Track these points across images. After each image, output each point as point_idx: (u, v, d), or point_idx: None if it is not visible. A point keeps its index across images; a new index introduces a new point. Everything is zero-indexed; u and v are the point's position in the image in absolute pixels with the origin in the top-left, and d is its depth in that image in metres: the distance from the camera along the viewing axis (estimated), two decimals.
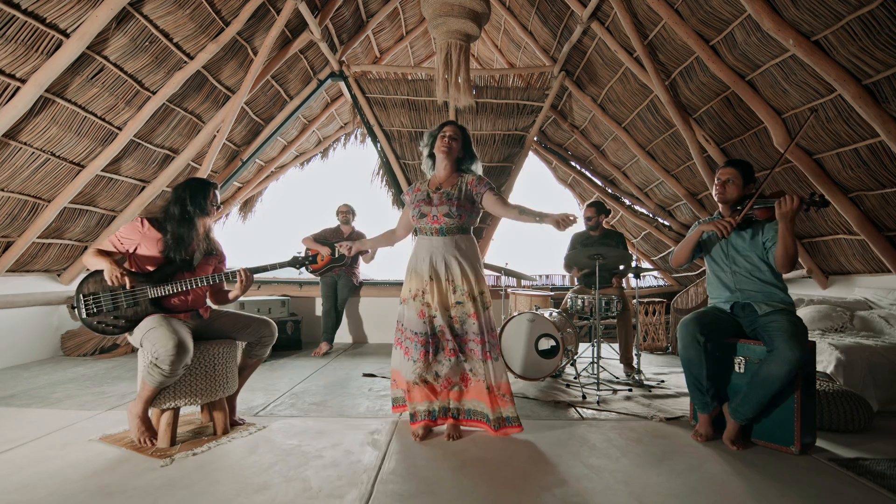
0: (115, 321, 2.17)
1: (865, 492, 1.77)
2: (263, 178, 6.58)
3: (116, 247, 2.24)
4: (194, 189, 2.34)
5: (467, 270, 2.34)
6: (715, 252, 2.48)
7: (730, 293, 2.40)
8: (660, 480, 1.86)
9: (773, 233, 2.27)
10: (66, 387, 3.18)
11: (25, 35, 2.86)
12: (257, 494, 1.69)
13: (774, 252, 2.25)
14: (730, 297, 2.40)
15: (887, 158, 3.06)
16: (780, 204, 2.12)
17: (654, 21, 3.85)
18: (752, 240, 2.36)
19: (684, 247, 2.50)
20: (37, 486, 1.73)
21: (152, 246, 2.25)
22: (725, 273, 2.43)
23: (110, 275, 2.10)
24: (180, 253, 2.26)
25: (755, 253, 2.35)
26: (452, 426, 2.32)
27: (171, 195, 2.35)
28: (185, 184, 2.37)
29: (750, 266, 2.35)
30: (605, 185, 6.37)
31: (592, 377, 3.45)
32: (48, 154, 3.51)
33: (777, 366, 2.08)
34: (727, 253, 2.43)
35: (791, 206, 2.09)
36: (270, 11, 4.22)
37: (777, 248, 2.21)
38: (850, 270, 4.04)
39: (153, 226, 2.27)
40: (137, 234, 2.25)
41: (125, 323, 2.17)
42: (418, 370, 2.30)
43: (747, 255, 2.36)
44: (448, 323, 2.32)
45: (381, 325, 5.44)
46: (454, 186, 2.40)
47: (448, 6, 3.52)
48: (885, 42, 2.58)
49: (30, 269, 4.18)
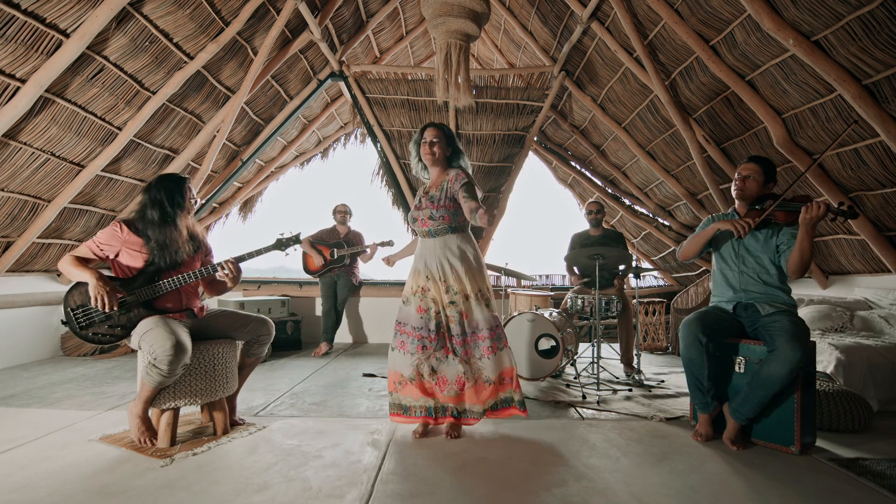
0: (109, 330, 2.13)
1: (865, 492, 1.77)
2: (263, 179, 6.58)
3: (95, 253, 2.17)
4: (169, 188, 2.25)
5: (459, 271, 2.34)
6: (725, 249, 2.45)
7: (734, 292, 2.39)
8: (660, 480, 1.86)
9: (789, 237, 2.25)
10: (65, 387, 3.18)
11: (25, 35, 2.85)
12: (257, 494, 1.69)
13: (788, 256, 2.23)
14: (733, 296, 2.39)
15: (887, 158, 3.06)
16: (807, 209, 2.07)
17: (654, 21, 3.85)
18: (766, 241, 2.34)
19: (696, 241, 2.46)
20: (37, 486, 1.73)
21: (135, 251, 2.18)
22: (733, 272, 2.41)
23: (96, 294, 2.04)
24: (166, 259, 2.19)
25: (766, 255, 2.33)
26: (452, 425, 2.32)
27: (145, 198, 2.22)
28: (157, 184, 2.25)
29: (759, 268, 2.34)
30: (605, 185, 6.37)
31: (592, 377, 3.45)
32: (48, 154, 3.51)
33: (778, 366, 2.07)
34: (737, 252, 2.40)
35: (818, 213, 2.05)
36: (270, 11, 4.22)
37: (793, 253, 2.18)
38: (850, 270, 4.04)
39: (133, 231, 2.19)
40: (117, 240, 2.18)
41: (121, 330, 2.14)
42: (416, 362, 2.32)
43: (758, 256, 2.34)
44: (445, 322, 2.35)
45: (381, 325, 5.44)
46: (438, 188, 2.41)
47: (448, 6, 3.52)
48: (884, 42, 2.58)
49: (30, 270, 4.18)
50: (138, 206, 2.26)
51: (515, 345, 3.36)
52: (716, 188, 4.26)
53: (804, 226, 2.10)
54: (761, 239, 2.35)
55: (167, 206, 2.22)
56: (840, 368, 2.81)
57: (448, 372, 2.32)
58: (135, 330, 2.13)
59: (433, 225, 2.37)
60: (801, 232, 2.12)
